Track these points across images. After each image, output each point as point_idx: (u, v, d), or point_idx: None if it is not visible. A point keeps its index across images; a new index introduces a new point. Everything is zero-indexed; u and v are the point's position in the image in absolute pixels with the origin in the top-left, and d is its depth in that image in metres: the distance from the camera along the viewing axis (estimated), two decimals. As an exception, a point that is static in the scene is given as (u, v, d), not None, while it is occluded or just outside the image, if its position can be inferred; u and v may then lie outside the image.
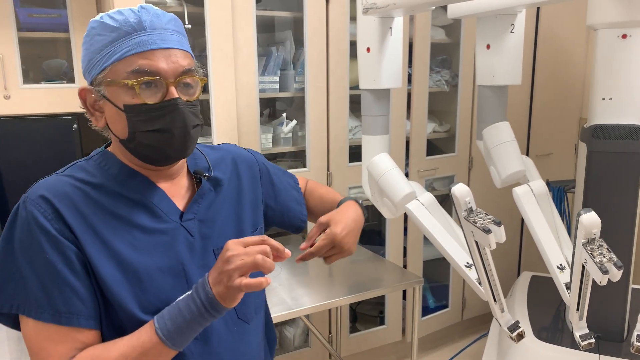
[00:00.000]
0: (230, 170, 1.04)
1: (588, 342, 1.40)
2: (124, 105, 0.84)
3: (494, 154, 1.86)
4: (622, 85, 1.66)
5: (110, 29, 0.84)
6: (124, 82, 0.83)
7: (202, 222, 0.95)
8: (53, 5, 2.10)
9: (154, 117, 0.85)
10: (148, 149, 0.87)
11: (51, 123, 2.10)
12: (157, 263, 0.87)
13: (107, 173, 0.89)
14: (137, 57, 0.83)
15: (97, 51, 0.85)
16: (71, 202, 0.84)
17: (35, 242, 0.81)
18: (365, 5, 1.68)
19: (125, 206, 0.88)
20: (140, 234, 0.87)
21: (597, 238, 1.21)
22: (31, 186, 0.87)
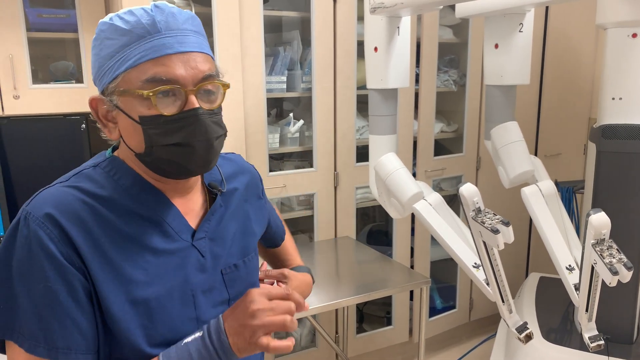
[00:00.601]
0: (240, 183, 0.97)
1: (597, 343, 1.39)
2: (140, 117, 0.76)
3: (502, 154, 1.85)
4: (632, 85, 1.65)
5: (121, 31, 0.75)
6: (138, 92, 0.74)
7: (212, 240, 0.87)
8: (62, 6, 2.11)
9: (172, 129, 0.76)
10: (167, 164, 0.79)
11: (60, 123, 2.12)
12: (167, 289, 0.80)
13: (118, 184, 0.81)
14: (151, 64, 0.74)
15: (107, 57, 0.77)
16: (80, 221, 0.75)
17: (36, 266, 0.72)
18: (373, 5, 1.68)
19: (136, 224, 0.80)
20: (151, 257, 0.80)
21: (607, 239, 1.20)
22: (32, 198, 0.78)
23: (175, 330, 0.80)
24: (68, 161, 2.14)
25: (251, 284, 0.94)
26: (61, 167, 2.15)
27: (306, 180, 2.37)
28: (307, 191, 2.38)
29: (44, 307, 0.72)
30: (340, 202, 2.46)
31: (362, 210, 2.82)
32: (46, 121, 2.10)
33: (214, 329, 0.77)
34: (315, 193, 2.40)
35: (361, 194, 2.54)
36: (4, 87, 1.98)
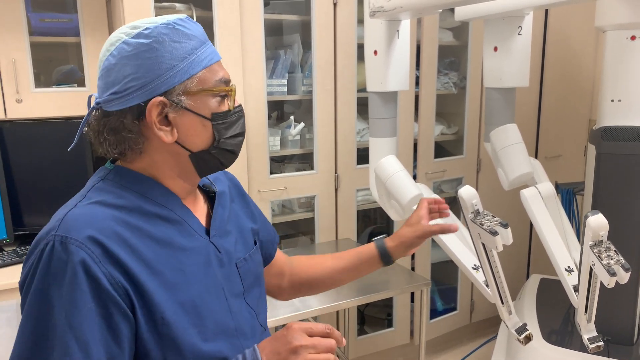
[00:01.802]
0: (224, 186, 1.01)
1: (596, 345, 1.39)
2: (212, 113, 0.83)
3: (502, 156, 1.86)
4: (631, 87, 1.65)
5: (187, 36, 0.81)
6: (217, 89, 0.83)
7: (221, 237, 0.92)
8: (64, 10, 2.13)
9: (232, 122, 0.86)
10: (225, 155, 0.87)
11: (62, 126, 2.13)
12: (204, 286, 0.84)
13: (132, 191, 0.83)
14: (216, 67, 0.84)
15: (179, 58, 0.79)
16: (119, 237, 0.76)
17: (80, 290, 0.71)
18: (373, 9, 1.69)
19: (162, 227, 0.82)
20: (182, 256, 0.83)
21: (605, 240, 1.21)
22: (57, 222, 0.76)
23: (220, 324, 0.85)
24: (70, 165, 2.15)
25: (258, 276, 0.99)
26: (63, 171, 2.17)
27: (307, 183, 2.38)
28: (308, 193, 2.39)
29: (89, 331, 0.71)
30: (341, 204, 2.47)
31: (363, 212, 2.82)
32: (48, 125, 2.12)
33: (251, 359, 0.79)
34: (316, 195, 2.41)
35: (362, 196, 2.55)
36: (7, 91, 2.00)
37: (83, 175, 2.17)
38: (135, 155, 0.84)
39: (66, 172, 2.15)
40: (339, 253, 1.20)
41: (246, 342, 0.89)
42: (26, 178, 2.11)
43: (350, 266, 1.17)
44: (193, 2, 2.08)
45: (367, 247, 1.18)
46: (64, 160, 2.14)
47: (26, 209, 2.13)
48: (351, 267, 1.17)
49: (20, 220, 2.14)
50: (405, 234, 1.15)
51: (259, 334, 0.94)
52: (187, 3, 2.07)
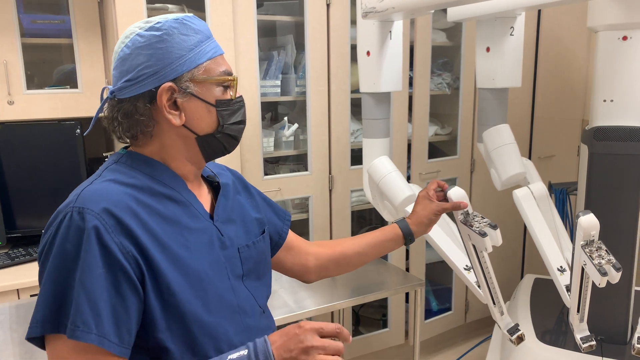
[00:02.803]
0: (227, 178, 1.08)
1: (589, 344, 1.40)
2: (217, 100, 0.92)
3: (494, 157, 1.86)
4: (623, 87, 1.66)
5: (194, 30, 0.90)
6: (221, 79, 0.92)
7: (223, 223, 0.99)
8: (56, 12, 2.12)
9: (235, 110, 0.95)
10: (228, 140, 0.95)
11: (55, 128, 2.12)
12: (208, 262, 0.91)
13: (143, 173, 0.91)
14: (219, 59, 0.93)
15: (187, 49, 0.89)
16: (132, 211, 0.84)
17: (93, 255, 0.78)
18: (365, 10, 1.69)
19: (171, 206, 0.90)
20: (188, 234, 0.90)
21: (596, 240, 1.21)
22: (74, 196, 0.84)
23: (222, 298, 0.91)
24: (63, 166, 2.15)
25: (259, 263, 1.05)
26: (56, 173, 2.16)
27: (301, 184, 2.38)
28: (302, 194, 2.39)
29: (99, 293, 0.78)
30: (335, 205, 2.47)
31: (358, 213, 2.83)
32: (41, 127, 2.11)
33: (262, 352, 0.82)
34: (310, 196, 2.40)
35: (356, 197, 2.55)
36: (-1, 93, 1.99)
37: (76, 177, 2.16)
38: (147, 139, 0.92)
39: (59, 174, 2.15)
40: (361, 235, 1.29)
41: (247, 319, 0.96)
42: (18, 180, 2.11)
43: (375, 242, 1.26)
44: (186, 3, 2.08)
45: (390, 227, 1.28)
46: (56, 163, 2.14)
47: (19, 211, 2.13)
48: (376, 244, 1.26)
49: (13, 223, 2.13)
50: (422, 213, 1.28)
51: (258, 315, 1.00)
52: (179, 4, 2.07)
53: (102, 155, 2.19)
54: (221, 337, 0.89)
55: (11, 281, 1.86)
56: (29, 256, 2.03)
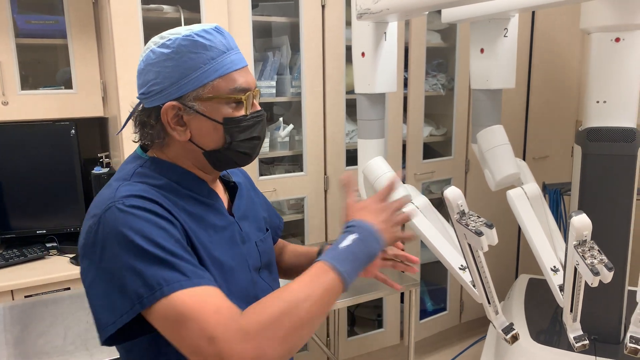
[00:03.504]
0: (240, 177, 1.14)
1: (582, 343, 1.41)
2: (224, 118, 0.91)
3: (488, 157, 1.87)
4: (616, 88, 1.67)
5: (205, 47, 0.89)
6: (230, 97, 0.90)
7: (240, 220, 1.03)
8: (51, 12, 2.11)
9: (248, 126, 0.93)
10: (239, 156, 0.96)
11: (49, 129, 2.12)
12: (231, 256, 0.95)
13: (167, 178, 0.93)
14: (235, 75, 0.91)
15: (193, 68, 0.89)
16: (161, 198, 0.87)
17: (148, 221, 0.81)
18: (360, 11, 1.69)
19: (195, 205, 0.94)
20: (213, 232, 0.94)
21: (589, 240, 1.22)
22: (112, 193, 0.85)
23: (244, 290, 0.96)
24: (58, 167, 2.14)
25: (271, 257, 1.10)
26: (51, 173, 2.15)
27: (296, 184, 2.38)
28: (298, 195, 2.40)
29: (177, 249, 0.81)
30: (331, 205, 2.47)
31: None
32: (35, 127, 2.10)
33: (369, 232, 0.91)
34: (305, 197, 2.41)
35: (351, 198, 2.55)
36: (-7, 94, 1.99)
37: (71, 178, 2.16)
38: (163, 147, 0.95)
39: (54, 175, 2.14)
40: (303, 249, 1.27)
41: None
42: (12, 181, 2.10)
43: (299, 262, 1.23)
44: (181, 4, 2.08)
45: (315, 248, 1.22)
46: (51, 163, 2.13)
47: (13, 212, 2.12)
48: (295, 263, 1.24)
49: (7, 224, 2.13)
50: None
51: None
52: (175, 5, 2.07)
53: (98, 156, 2.18)
54: None
55: (5, 282, 1.85)
56: (23, 257, 2.03)
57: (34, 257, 2.05)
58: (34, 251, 2.08)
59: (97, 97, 2.16)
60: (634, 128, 1.68)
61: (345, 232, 0.90)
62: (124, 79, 1.90)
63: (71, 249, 2.13)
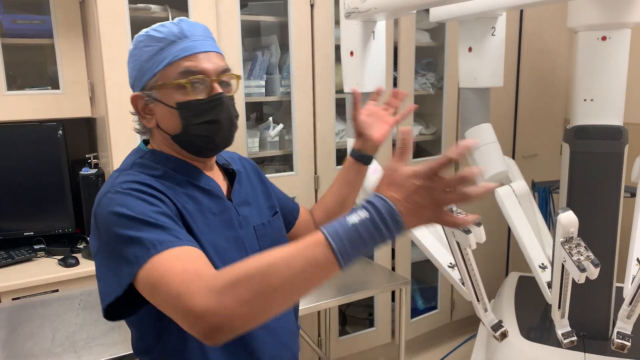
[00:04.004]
0: (241, 165, 1.17)
1: (570, 340, 1.42)
2: (176, 103, 0.96)
3: (477, 156, 1.88)
4: (603, 86, 1.68)
5: (157, 39, 0.96)
6: (175, 82, 0.95)
7: (239, 205, 1.08)
8: (37, 12, 2.10)
9: (204, 110, 0.97)
10: (200, 140, 0.99)
11: (36, 129, 2.10)
12: (226, 238, 1.00)
13: (165, 167, 1.00)
14: (183, 61, 0.95)
15: (147, 60, 0.97)
16: (158, 184, 0.94)
17: (139, 198, 0.88)
18: (348, 10, 1.69)
19: (193, 190, 1.00)
20: (210, 215, 0.99)
21: (575, 237, 1.23)
22: (111, 181, 0.94)
23: None
24: (45, 168, 2.12)
25: (276, 240, 1.11)
26: (38, 175, 2.14)
27: (287, 184, 2.37)
28: (288, 195, 2.39)
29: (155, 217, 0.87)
30: (321, 205, 2.47)
31: (344, 213, 2.83)
32: (22, 128, 2.09)
33: (386, 211, 0.77)
34: (295, 197, 2.41)
35: (342, 197, 2.55)
36: (-21, 94, 1.97)
37: (59, 179, 2.14)
38: (151, 137, 1.04)
39: (41, 176, 2.12)
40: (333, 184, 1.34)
41: None
42: (0, 181, 2.08)
43: (342, 181, 1.32)
44: (169, 4, 2.07)
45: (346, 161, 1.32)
46: (38, 164, 2.11)
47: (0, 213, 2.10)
48: (343, 182, 1.32)
49: (-6, 226, 2.11)
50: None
51: None
52: (162, 4, 2.06)
53: (86, 156, 2.16)
54: None
55: (-8, 284, 1.83)
56: (11, 259, 2.01)
57: (21, 259, 2.03)
58: (22, 253, 2.06)
59: (85, 97, 2.15)
60: (621, 126, 1.69)
61: (361, 206, 0.80)
62: (112, 79, 1.89)
63: (59, 250, 2.12)
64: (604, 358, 1.75)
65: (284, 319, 1.09)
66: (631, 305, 1.37)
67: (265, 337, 1.03)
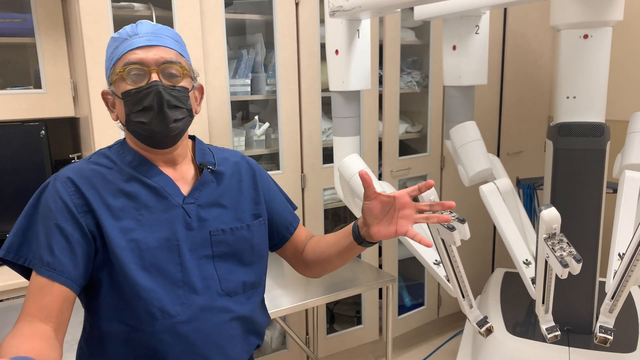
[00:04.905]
0: (232, 167, 1.17)
1: (554, 334, 1.43)
2: (121, 93, 1.03)
3: (461, 153, 1.89)
4: (585, 84, 1.70)
5: (115, 39, 1.07)
6: (118, 73, 1.03)
7: (200, 206, 1.09)
8: (18, 10, 2.06)
9: (141, 98, 1.02)
10: (140, 127, 1.04)
11: (18, 129, 2.07)
12: (156, 237, 1.04)
13: (123, 158, 1.08)
14: (128, 54, 1.03)
15: (108, 58, 1.08)
16: (90, 182, 1.04)
17: (52, 210, 1.00)
18: (332, 8, 1.69)
19: (137, 187, 1.06)
20: (145, 212, 1.05)
21: (558, 233, 1.24)
22: (61, 169, 1.06)
23: (163, 270, 1.03)
24: (27, 169, 2.10)
25: (241, 248, 1.12)
26: (20, 175, 2.11)
27: (273, 183, 2.37)
28: (274, 193, 2.38)
29: (53, 239, 0.98)
30: (308, 203, 2.47)
31: (333, 211, 2.84)
32: (4, 128, 2.05)
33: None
34: (282, 195, 2.40)
35: (329, 195, 2.56)
36: (-41, 94, 1.93)
37: (41, 179, 2.11)
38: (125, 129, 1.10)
39: (23, 177, 2.09)
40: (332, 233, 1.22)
41: (193, 295, 1.05)
42: (-19, 183, 2.05)
43: (335, 241, 1.17)
44: (152, 2, 2.05)
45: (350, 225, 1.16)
46: (20, 165, 2.08)
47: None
48: (336, 242, 1.17)
49: (-24, 227, 2.07)
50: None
51: (214, 295, 1.07)
52: (146, 3, 2.04)
53: (69, 156, 2.14)
54: (153, 301, 1.01)
55: (-26, 287, 1.81)
56: (-6, 261, 1.98)
57: (4, 260, 2.00)
58: (5, 255, 2.03)
59: (68, 96, 2.12)
60: (603, 123, 1.71)
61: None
62: (95, 78, 1.87)
63: (43, 251, 2.09)
64: (587, 352, 1.77)
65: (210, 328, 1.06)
66: (613, 300, 1.39)
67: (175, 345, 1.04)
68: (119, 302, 1.02)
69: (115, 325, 1.02)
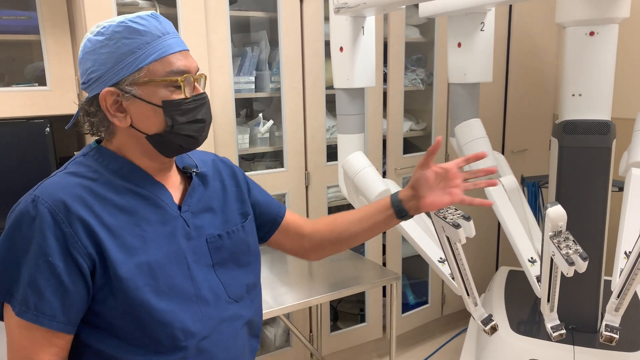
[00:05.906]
0: (212, 168, 1.11)
1: (559, 333, 1.43)
2: (163, 101, 0.92)
3: (466, 151, 1.88)
4: (591, 81, 1.69)
5: (139, 32, 0.91)
6: (167, 79, 0.91)
7: (193, 214, 1.01)
8: (23, 7, 2.07)
9: (190, 109, 0.94)
10: (183, 139, 0.95)
11: (23, 127, 2.07)
12: (164, 253, 0.94)
13: (107, 168, 0.95)
14: (172, 58, 0.92)
15: (127, 53, 0.90)
16: (84, 202, 0.89)
17: (40, 242, 0.85)
18: (337, 5, 1.69)
19: (130, 198, 0.94)
20: (145, 225, 0.94)
21: (564, 230, 1.24)
22: (37, 186, 0.91)
23: (177, 288, 0.94)
24: (32, 166, 2.10)
25: (238, 251, 1.07)
26: (25, 172, 2.11)
27: (277, 181, 2.37)
28: (279, 191, 2.39)
29: (41, 278, 0.85)
30: (312, 201, 2.47)
31: (337, 209, 2.83)
32: (9, 125, 2.06)
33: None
34: (286, 193, 2.40)
35: (332, 193, 2.55)
36: (-36, 91, 1.94)
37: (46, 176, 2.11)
38: (108, 135, 0.97)
39: (28, 174, 2.10)
40: (354, 210, 1.21)
41: (206, 308, 0.98)
42: (-14, 180, 2.05)
43: (365, 216, 1.16)
44: (157, -1, 2.05)
45: (383, 199, 1.16)
46: (26, 162, 2.09)
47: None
48: (366, 217, 1.15)
49: (-19, 224, 2.08)
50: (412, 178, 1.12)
51: (223, 304, 1.01)
52: (150, 0, 2.04)
53: (74, 154, 2.14)
54: (174, 323, 0.92)
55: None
56: (-1, 258, 1.99)
57: (9, 257, 2.01)
58: (10, 252, 2.04)
59: (73, 93, 2.12)
60: (609, 121, 1.70)
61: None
62: (100, 75, 1.87)
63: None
64: (593, 351, 1.77)
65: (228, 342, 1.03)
66: (619, 298, 1.38)
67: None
68: (135, 330, 0.91)
69: (131, 357, 0.92)
